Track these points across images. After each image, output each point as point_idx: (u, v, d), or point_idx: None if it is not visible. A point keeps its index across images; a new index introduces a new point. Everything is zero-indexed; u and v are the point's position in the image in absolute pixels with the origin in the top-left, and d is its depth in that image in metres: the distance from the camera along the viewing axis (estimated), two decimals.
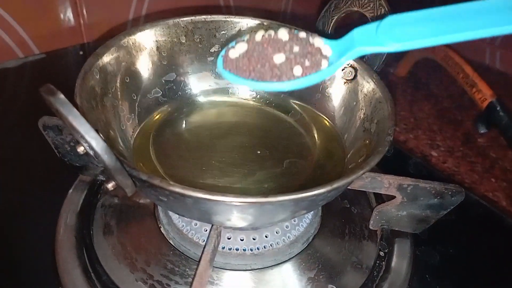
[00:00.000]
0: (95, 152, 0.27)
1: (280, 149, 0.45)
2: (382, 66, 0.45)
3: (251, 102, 0.51)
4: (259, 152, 0.44)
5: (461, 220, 0.49)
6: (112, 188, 0.31)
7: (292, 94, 0.51)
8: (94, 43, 0.77)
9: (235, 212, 0.31)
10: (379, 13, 0.43)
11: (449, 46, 0.74)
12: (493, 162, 0.66)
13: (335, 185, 0.30)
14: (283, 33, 0.32)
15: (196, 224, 0.42)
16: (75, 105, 0.32)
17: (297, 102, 0.51)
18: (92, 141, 0.26)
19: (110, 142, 0.36)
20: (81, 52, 0.75)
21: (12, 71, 0.69)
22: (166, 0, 0.79)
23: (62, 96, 0.25)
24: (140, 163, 0.41)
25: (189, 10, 0.49)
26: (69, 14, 0.73)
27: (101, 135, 0.30)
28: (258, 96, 0.52)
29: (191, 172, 0.41)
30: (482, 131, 0.68)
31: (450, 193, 0.40)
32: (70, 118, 0.25)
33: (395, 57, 0.88)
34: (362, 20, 0.46)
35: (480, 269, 0.47)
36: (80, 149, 0.31)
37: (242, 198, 0.28)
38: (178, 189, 0.28)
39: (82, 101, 0.33)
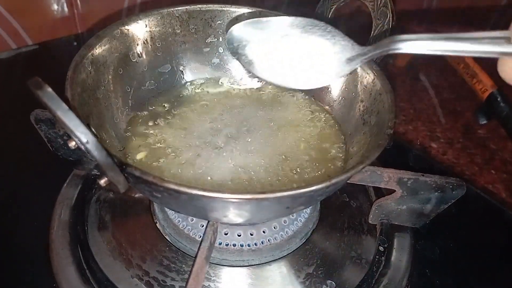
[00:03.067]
0: (85, 147, 0.26)
1: (278, 139, 0.44)
2: (382, 57, 0.44)
3: (248, 93, 0.50)
4: (256, 142, 0.43)
5: (461, 214, 0.48)
6: (105, 184, 0.30)
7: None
8: (88, 33, 0.75)
9: (232, 208, 0.30)
10: (379, 3, 0.42)
11: None
12: (493, 153, 0.65)
13: (333, 181, 0.29)
14: None
15: (192, 220, 0.41)
16: (65, 98, 0.31)
17: (296, 93, 0.50)
18: (82, 136, 0.25)
19: (102, 136, 0.35)
20: (75, 43, 0.74)
21: (4, 62, 0.67)
22: None
23: (50, 89, 0.24)
24: (135, 156, 0.40)
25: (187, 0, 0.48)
26: (63, 4, 0.71)
27: (92, 129, 0.29)
28: (255, 86, 0.51)
29: (189, 164, 0.40)
30: (482, 122, 0.67)
31: (451, 186, 0.39)
32: (59, 113, 0.24)
33: None
34: (361, 9, 0.45)
35: (480, 262, 0.46)
36: (72, 144, 0.30)
37: (239, 195, 0.27)
38: (172, 186, 0.27)
39: (73, 94, 0.32)
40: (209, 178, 0.38)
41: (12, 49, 0.69)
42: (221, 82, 0.50)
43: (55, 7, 0.71)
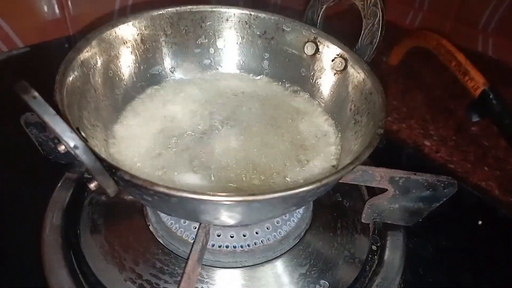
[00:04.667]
0: (74, 152, 0.26)
1: (273, 136, 0.44)
2: (373, 56, 0.44)
3: (240, 93, 0.50)
4: (250, 140, 0.43)
5: (454, 211, 0.48)
6: (95, 188, 0.30)
7: (284, 82, 0.50)
8: (79, 35, 0.75)
9: (223, 210, 0.30)
10: (368, 3, 0.42)
11: (441, 34, 0.73)
12: (486, 150, 0.65)
13: (324, 181, 0.29)
14: None
15: (185, 222, 0.41)
16: (54, 102, 0.31)
17: (290, 87, 0.50)
18: (70, 141, 0.25)
19: (92, 140, 0.35)
20: (66, 45, 0.73)
21: None
22: None
23: (36, 94, 0.24)
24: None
25: (179, 0, 0.47)
26: (54, 6, 0.71)
27: (82, 133, 0.29)
28: (246, 86, 0.50)
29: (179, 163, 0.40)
30: (474, 120, 0.67)
31: (442, 185, 0.39)
32: (46, 118, 0.24)
33: (387, 46, 0.86)
34: (353, 8, 0.45)
35: (473, 260, 0.46)
36: (61, 148, 0.30)
37: (229, 197, 0.27)
38: (161, 189, 0.27)
39: (62, 98, 0.32)
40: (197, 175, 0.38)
41: (2, 52, 0.69)
42: (212, 82, 0.50)
43: (46, 9, 0.70)
